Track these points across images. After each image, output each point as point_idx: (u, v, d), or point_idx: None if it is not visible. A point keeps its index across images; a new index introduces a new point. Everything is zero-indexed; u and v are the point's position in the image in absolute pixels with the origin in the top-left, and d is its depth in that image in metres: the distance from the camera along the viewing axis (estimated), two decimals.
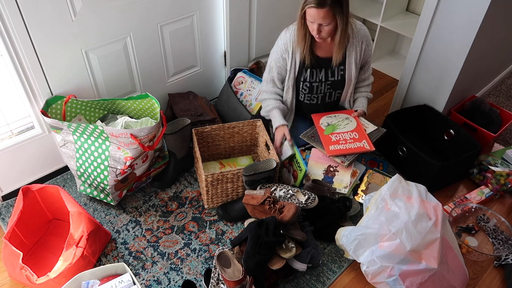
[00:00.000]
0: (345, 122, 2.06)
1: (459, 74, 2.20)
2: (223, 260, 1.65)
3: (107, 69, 2.04)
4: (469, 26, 2.03)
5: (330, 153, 1.96)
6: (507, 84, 2.99)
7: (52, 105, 1.89)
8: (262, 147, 2.17)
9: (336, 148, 1.97)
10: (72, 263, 1.59)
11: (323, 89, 2.04)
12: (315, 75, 1.99)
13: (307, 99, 2.07)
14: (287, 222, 1.72)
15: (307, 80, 2.00)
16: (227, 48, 2.43)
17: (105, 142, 1.83)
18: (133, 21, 2.00)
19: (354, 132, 2.02)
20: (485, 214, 2.02)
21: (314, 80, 2.00)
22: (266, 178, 1.92)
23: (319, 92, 2.05)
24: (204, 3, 2.22)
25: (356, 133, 2.02)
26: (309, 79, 2.00)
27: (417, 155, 2.09)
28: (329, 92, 2.07)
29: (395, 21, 2.97)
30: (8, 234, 1.64)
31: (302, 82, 2.01)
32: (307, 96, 2.06)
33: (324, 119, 2.08)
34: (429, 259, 1.56)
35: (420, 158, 2.08)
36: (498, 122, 2.41)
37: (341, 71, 2.01)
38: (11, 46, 1.69)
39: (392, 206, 1.66)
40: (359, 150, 1.96)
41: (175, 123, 2.07)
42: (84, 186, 2.01)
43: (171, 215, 2.01)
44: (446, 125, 2.29)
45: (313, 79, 2.00)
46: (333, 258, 1.86)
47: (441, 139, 2.31)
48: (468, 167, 2.23)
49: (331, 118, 2.08)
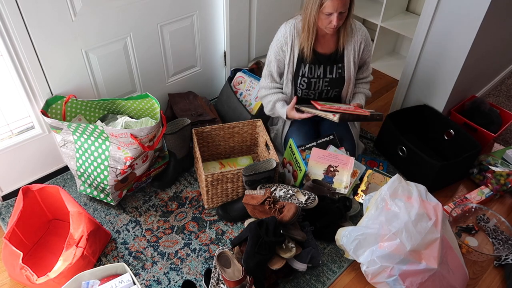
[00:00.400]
0: (343, 105, 2.05)
1: (459, 74, 2.20)
2: (223, 260, 1.65)
3: (107, 69, 2.04)
4: (469, 26, 2.03)
5: (321, 106, 1.93)
6: (507, 84, 2.99)
7: (52, 105, 1.89)
8: (262, 147, 2.17)
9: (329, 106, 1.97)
10: (72, 263, 1.59)
11: (321, 86, 2.04)
12: (314, 70, 1.99)
13: (304, 94, 2.06)
14: (287, 222, 1.72)
15: (305, 75, 2.00)
16: (227, 48, 2.43)
17: (105, 142, 1.83)
18: (133, 21, 2.00)
19: (350, 106, 2.02)
20: (485, 214, 2.02)
21: (312, 76, 2.00)
22: (266, 178, 1.92)
23: (316, 88, 2.04)
24: (204, 3, 2.22)
25: (352, 107, 2.01)
26: (307, 75, 2.00)
27: (417, 155, 2.09)
28: (327, 90, 2.06)
29: (395, 21, 2.97)
30: (8, 234, 1.64)
31: (300, 77, 2.01)
32: (304, 92, 2.05)
33: (323, 103, 2.07)
34: (429, 259, 1.56)
35: (420, 158, 2.08)
36: (498, 122, 2.41)
37: (339, 69, 2.00)
38: (11, 46, 1.69)
39: (392, 206, 1.66)
40: (353, 110, 1.93)
41: (175, 123, 2.07)
42: (84, 186, 2.01)
43: (171, 215, 2.01)
44: (446, 125, 2.29)
45: (311, 75, 2.00)
46: (333, 258, 1.86)
47: (441, 139, 2.31)
48: (468, 167, 2.23)
49: (329, 104, 2.07)
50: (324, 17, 1.78)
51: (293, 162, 2.06)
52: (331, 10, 1.75)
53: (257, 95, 2.30)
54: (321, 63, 1.98)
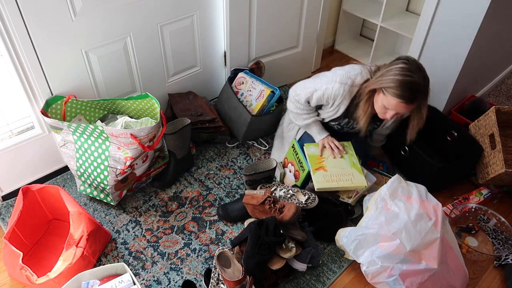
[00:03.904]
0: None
1: (459, 74, 2.20)
2: (223, 260, 1.65)
3: (107, 69, 2.04)
4: (469, 26, 2.03)
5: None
6: (507, 84, 2.99)
7: (52, 105, 1.89)
8: None
9: None
10: (72, 263, 1.59)
11: (347, 128, 2.03)
12: (350, 122, 1.97)
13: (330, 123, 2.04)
14: (287, 222, 1.72)
15: (340, 124, 2.00)
16: (227, 48, 2.43)
17: (105, 142, 1.83)
18: (133, 21, 2.00)
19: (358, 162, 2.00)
20: (485, 214, 2.02)
21: (345, 124, 2.00)
22: (267, 178, 1.92)
23: (343, 126, 2.02)
24: (204, 3, 2.22)
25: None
26: (343, 124, 1.99)
27: (418, 155, 2.09)
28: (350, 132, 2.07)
29: (395, 21, 2.97)
30: (8, 234, 1.64)
31: (334, 121, 1.99)
32: (331, 123, 2.03)
33: None
34: (429, 259, 1.56)
35: (422, 158, 2.07)
36: None
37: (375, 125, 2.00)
38: (11, 46, 1.69)
39: (392, 206, 1.66)
40: None
41: (175, 123, 2.07)
42: (84, 186, 2.01)
43: (171, 215, 2.01)
44: (449, 126, 2.27)
45: (347, 126, 2.00)
46: (333, 258, 1.86)
47: (444, 140, 2.30)
48: (470, 168, 2.22)
49: None
50: (382, 107, 1.72)
51: (295, 162, 2.06)
52: (389, 106, 1.68)
53: (258, 97, 2.30)
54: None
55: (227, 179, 2.18)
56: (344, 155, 1.99)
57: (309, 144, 2.04)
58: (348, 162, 1.97)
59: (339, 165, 1.96)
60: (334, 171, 1.94)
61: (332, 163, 1.97)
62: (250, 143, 2.39)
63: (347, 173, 1.93)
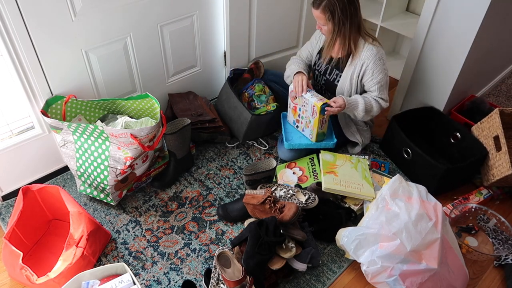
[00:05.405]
0: None
1: (459, 74, 2.20)
2: (223, 260, 1.65)
3: (107, 69, 2.04)
4: (469, 26, 2.03)
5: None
6: (507, 84, 2.99)
7: (52, 105, 1.89)
8: None
9: None
10: (72, 263, 1.59)
11: (320, 81, 2.22)
12: (320, 65, 2.18)
13: (314, 84, 2.27)
14: (288, 221, 1.72)
15: (315, 65, 2.22)
16: (227, 48, 2.43)
17: (105, 142, 1.83)
18: (133, 21, 2.00)
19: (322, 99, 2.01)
20: (485, 214, 2.01)
21: (317, 68, 2.20)
22: (267, 178, 1.92)
23: (318, 81, 2.23)
24: (204, 3, 2.22)
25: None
26: (315, 66, 2.21)
27: (421, 157, 2.07)
28: (323, 89, 2.22)
29: (395, 21, 2.97)
30: (8, 234, 1.64)
31: (313, 65, 2.23)
32: (312, 81, 2.25)
33: None
34: (429, 259, 1.56)
35: (425, 160, 2.05)
36: None
37: (337, 76, 2.10)
38: (11, 46, 1.69)
39: (393, 206, 1.66)
40: None
41: (175, 123, 2.07)
42: (84, 186, 2.01)
43: (171, 215, 2.01)
44: (452, 128, 2.25)
45: (317, 67, 2.20)
46: (333, 258, 1.86)
47: (448, 142, 2.28)
48: (475, 171, 2.19)
49: None
50: None
51: (306, 169, 2.11)
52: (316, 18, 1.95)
53: None
54: (326, 62, 2.14)
55: (227, 179, 2.18)
56: (358, 168, 2.04)
57: (325, 151, 2.11)
58: (360, 175, 2.01)
59: (350, 175, 2.00)
60: (345, 178, 1.97)
61: (344, 171, 2.01)
62: (250, 143, 2.39)
63: (357, 182, 1.96)
